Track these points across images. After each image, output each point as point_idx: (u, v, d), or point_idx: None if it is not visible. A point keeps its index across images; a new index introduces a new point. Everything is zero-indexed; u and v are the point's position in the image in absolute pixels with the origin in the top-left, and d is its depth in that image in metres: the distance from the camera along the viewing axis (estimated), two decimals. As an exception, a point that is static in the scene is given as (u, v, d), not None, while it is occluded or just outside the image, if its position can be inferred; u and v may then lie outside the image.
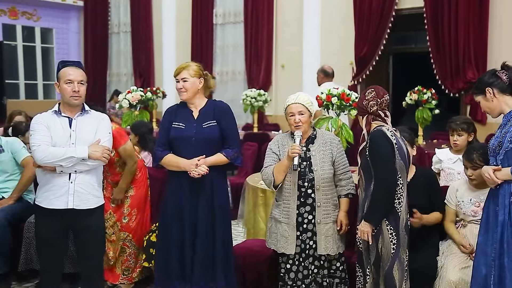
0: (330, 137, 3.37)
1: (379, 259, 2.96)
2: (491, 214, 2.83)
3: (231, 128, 3.41)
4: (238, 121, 10.11)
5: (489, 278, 2.79)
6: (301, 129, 3.24)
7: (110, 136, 3.30)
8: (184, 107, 3.43)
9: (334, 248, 3.25)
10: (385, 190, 2.90)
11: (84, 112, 3.26)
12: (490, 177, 2.75)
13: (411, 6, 8.44)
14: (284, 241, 3.26)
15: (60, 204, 3.14)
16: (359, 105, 3.10)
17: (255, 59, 9.96)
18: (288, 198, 3.26)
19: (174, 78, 3.38)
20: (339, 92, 4.41)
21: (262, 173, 3.36)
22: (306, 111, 3.25)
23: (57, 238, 3.21)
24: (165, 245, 3.38)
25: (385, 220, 2.94)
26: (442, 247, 3.45)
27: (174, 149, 3.36)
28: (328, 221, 3.24)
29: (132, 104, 6.92)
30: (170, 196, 3.39)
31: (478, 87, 2.92)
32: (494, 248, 2.77)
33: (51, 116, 3.22)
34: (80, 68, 3.24)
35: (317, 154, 3.27)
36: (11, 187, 4.38)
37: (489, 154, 2.89)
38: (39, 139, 3.13)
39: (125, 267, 4.06)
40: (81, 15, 12.32)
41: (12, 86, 11.23)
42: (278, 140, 3.39)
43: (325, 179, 3.24)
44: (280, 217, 3.29)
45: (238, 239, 5.27)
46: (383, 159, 2.91)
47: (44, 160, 3.09)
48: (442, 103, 7.96)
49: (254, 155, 6.74)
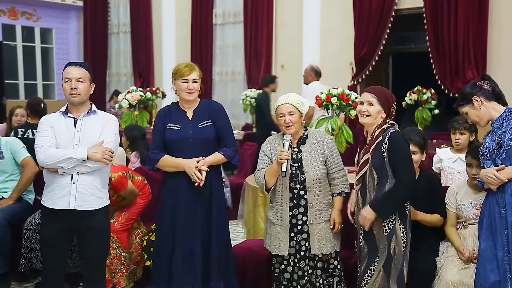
0: (322, 136, 3.35)
1: (390, 259, 2.95)
2: (496, 217, 2.80)
3: (226, 127, 3.43)
4: (238, 121, 10.26)
5: (504, 283, 2.75)
6: (291, 130, 3.23)
7: (116, 137, 3.26)
8: (177, 108, 3.43)
9: (328, 247, 3.24)
10: (407, 189, 2.95)
11: (90, 113, 3.24)
12: (496, 177, 2.74)
13: (411, 6, 8.44)
14: (277, 242, 3.27)
15: (62, 204, 3.13)
16: (384, 103, 3.02)
17: (254, 59, 9.96)
18: (281, 200, 3.26)
19: (181, 77, 3.33)
20: (339, 92, 4.42)
21: (255, 176, 3.38)
22: (296, 111, 3.23)
23: (59, 238, 3.20)
24: (162, 246, 3.38)
25: (398, 219, 2.96)
26: (441, 248, 3.45)
27: (171, 151, 3.35)
28: (320, 221, 3.24)
29: (131, 104, 6.93)
30: (167, 197, 3.39)
31: (463, 98, 2.95)
32: (507, 251, 2.75)
33: (57, 117, 3.23)
34: (82, 67, 3.22)
35: (308, 154, 3.26)
36: (11, 187, 4.38)
37: (483, 158, 2.89)
38: (42, 140, 3.13)
39: (111, 270, 3.94)
40: (80, 15, 12.32)
41: (11, 86, 11.22)
42: (270, 142, 3.39)
43: (317, 180, 3.23)
44: (274, 219, 3.30)
45: (238, 239, 5.28)
46: (407, 159, 2.97)
47: (45, 161, 3.09)
48: (441, 103, 7.97)
49: (254, 155, 6.73)
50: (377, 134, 2.98)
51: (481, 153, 2.91)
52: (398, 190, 2.93)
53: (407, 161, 2.98)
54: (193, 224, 3.33)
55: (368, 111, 2.99)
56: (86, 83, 3.19)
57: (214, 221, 3.36)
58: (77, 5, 12.08)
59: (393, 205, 2.95)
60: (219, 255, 3.36)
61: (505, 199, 2.77)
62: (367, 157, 3.00)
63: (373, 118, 2.99)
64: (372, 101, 2.99)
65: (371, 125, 3.02)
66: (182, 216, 3.33)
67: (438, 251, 3.44)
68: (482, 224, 2.90)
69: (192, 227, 3.33)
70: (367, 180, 3.02)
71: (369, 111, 2.99)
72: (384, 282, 2.97)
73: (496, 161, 2.81)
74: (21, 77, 11.62)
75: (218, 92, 10.64)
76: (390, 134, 2.95)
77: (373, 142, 2.98)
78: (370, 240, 3.00)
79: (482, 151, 2.89)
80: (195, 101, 3.42)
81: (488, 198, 2.90)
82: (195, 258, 3.31)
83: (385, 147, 2.94)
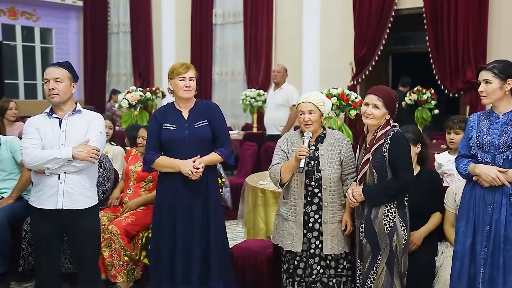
0: (340, 137, 3.35)
1: (393, 256, 2.98)
2: (481, 212, 2.82)
3: (222, 127, 3.44)
4: (238, 121, 10.26)
5: (478, 276, 2.78)
6: (310, 128, 3.23)
7: (102, 135, 3.26)
8: (172, 108, 3.43)
9: (339, 247, 3.24)
10: (403, 188, 2.97)
11: (75, 112, 3.24)
12: (499, 179, 2.73)
13: (411, 6, 8.44)
14: (291, 238, 3.26)
15: (50, 204, 3.14)
16: (390, 106, 3.02)
17: (254, 59, 9.96)
18: (296, 197, 3.26)
19: (178, 75, 3.34)
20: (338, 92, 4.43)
21: (269, 170, 3.35)
22: (316, 110, 3.23)
23: (50, 238, 3.20)
24: (159, 246, 3.37)
25: (398, 217, 2.98)
26: (440, 248, 3.46)
27: (167, 151, 3.35)
28: (334, 221, 3.24)
29: (131, 104, 6.93)
30: (163, 196, 3.39)
31: (502, 71, 2.81)
32: (484, 247, 2.77)
33: (42, 118, 3.23)
34: (61, 67, 3.21)
35: (326, 153, 3.26)
36: (10, 187, 4.37)
37: (479, 148, 2.85)
38: (26, 142, 3.14)
39: (108, 262, 3.95)
40: (80, 15, 12.32)
41: (11, 86, 11.22)
42: (288, 138, 3.38)
43: (332, 179, 3.23)
44: (287, 215, 3.29)
45: (238, 239, 5.28)
46: (407, 159, 3.00)
47: (30, 163, 3.10)
48: (441, 103, 7.97)
49: (254, 155, 6.74)
50: (380, 135, 2.99)
51: (477, 142, 2.87)
52: (394, 186, 2.96)
53: (407, 162, 3.00)
54: (190, 223, 3.33)
55: (373, 114, 2.99)
56: (64, 83, 3.18)
57: (212, 221, 3.37)
58: (77, 5, 12.08)
59: (385, 197, 2.98)
60: (218, 255, 3.36)
61: (494, 197, 2.77)
62: (368, 156, 3.01)
63: (377, 120, 3.00)
64: (378, 104, 2.99)
65: (374, 125, 3.03)
66: (179, 215, 3.33)
67: (437, 250, 3.45)
68: (467, 218, 2.89)
69: (190, 227, 3.33)
70: (367, 180, 3.03)
71: (374, 114, 2.99)
72: (388, 278, 2.99)
73: (496, 158, 2.79)
74: (21, 77, 11.63)
75: (218, 92, 10.64)
76: (392, 134, 2.98)
77: (375, 143, 2.99)
78: (372, 237, 3.01)
79: (479, 140, 2.86)
80: (191, 101, 3.42)
81: (474, 191, 2.87)
82: (192, 258, 3.31)
83: (386, 147, 2.96)
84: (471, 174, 2.88)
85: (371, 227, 3.01)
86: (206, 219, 3.35)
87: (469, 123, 2.98)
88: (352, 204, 3.09)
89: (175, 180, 3.31)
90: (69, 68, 3.23)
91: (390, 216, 2.98)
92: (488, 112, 2.92)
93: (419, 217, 3.41)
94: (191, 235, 3.32)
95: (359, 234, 3.10)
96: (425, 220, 3.50)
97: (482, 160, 2.84)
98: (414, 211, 3.18)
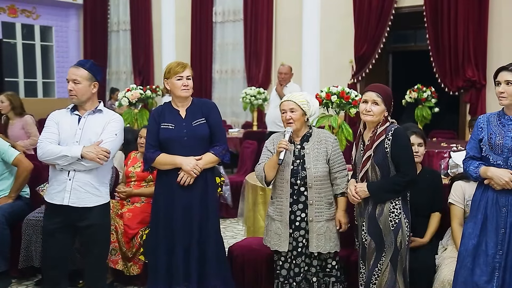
0: (326, 135, 3.37)
1: (397, 253, 2.98)
2: (495, 215, 2.78)
3: (218, 125, 3.46)
4: (238, 119, 10.25)
5: (491, 281, 2.76)
6: (292, 127, 3.25)
7: (116, 137, 3.26)
8: (170, 107, 3.44)
9: (326, 246, 3.24)
10: (407, 184, 2.99)
11: (96, 111, 3.27)
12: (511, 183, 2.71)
13: (411, 4, 8.43)
14: (277, 238, 3.28)
15: (58, 199, 3.18)
16: (388, 103, 3.03)
17: (254, 57, 9.95)
18: (281, 196, 3.28)
19: (175, 75, 3.34)
20: (339, 91, 4.42)
21: (255, 169, 3.40)
22: (298, 109, 3.25)
23: (59, 232, 3.22)
24: (158, 245, 3.38)
25: (403, 213, 2.99)
26: (440, 246, 3.46)
27: (166, 150, 3.35)
28: (321, 219, 3.25)
29: (131, 102, 6.92)
30: (161, 195, 3.39)
31: None
32: (499, 250, 2.75)
33: (64, 113, 3.29)
34: (81, 67, 3.23)
35: (311, 152, 3.27)
36: (1, 189, 4.29)
37: (491, 150, 2.80)
38: (44, 136, 3.21)
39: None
40: (80, 13, 12.31)
41: (11, 84, 11.21)
42: (274, 139, 3.42)
43: (318, 177, 3.24)
44: (274, 214, 3.31)
45: (238, 237, 5.28)
46: (410, 154, 3.03)
47: (42, 157, 3.17)
48: (441, 101, 7.97)
49: (254, 153, 6.74)
50: (380, 132, 2.99)
51: (489, 144, 2.83)
52: (399, 181, 2.97)
53: (410, 157, 3.03)
54: (189, 223, 3.33)
55: (373, 111, 3.00)
56: (83, 84, 3.19)
57: (210, 221, 3.38)
58: (77, 3, 12.08)
59: (390, 193, 2.98)
60: (215, 254, 3.37)
61: (508, 200, 2.75)
62: (369, 153, 3.01)
63: (376, 117, 3.01)
64: (377, 101, 2.99)
65: (373, 122, 3.03)
66: (177, 214, 3.33)
67: (437, 249, 3.44)
68: (475, 220, 2.86)
69: (188, 226, 3.33)
70: (370, 177, 3.03)
71: (374, 111, 2.99)
72: (392, 275, 2.99)
73: (509, 161, 2.75)
74: (21, 75, 11.62)
75: (218, 90, 10.64)
76: (393, 130, 2.99)
77: (376, 139, 2.99)
78: (376, 235, 3.01)
79: (491, 142, 2.82)
80: (188, 99, 3.44)
81: (487, 193, 2.83)
82: (190, 257, 3.32)
83: (388, 143, 2.97)
84: (482, 177, 2.83)
85: (376, 225, 3.01)
86: (205, 219, 3.36)
87: (478, 124, 2.92)
88: (355, 201, 3.09)
89: (174, 179, 3.32)
90: (90, 68, 3.23)
91: (396, 213, 2.99)
92: (499, 114, 2.86)
93: (419, 216, 3.41)
94: (189, 234, 3.33)
95: (361, 233, 3.10)
96: (425, 220, 3.49)
97: (494, 162, 2.79)
98: (414, 211, 3.18)
